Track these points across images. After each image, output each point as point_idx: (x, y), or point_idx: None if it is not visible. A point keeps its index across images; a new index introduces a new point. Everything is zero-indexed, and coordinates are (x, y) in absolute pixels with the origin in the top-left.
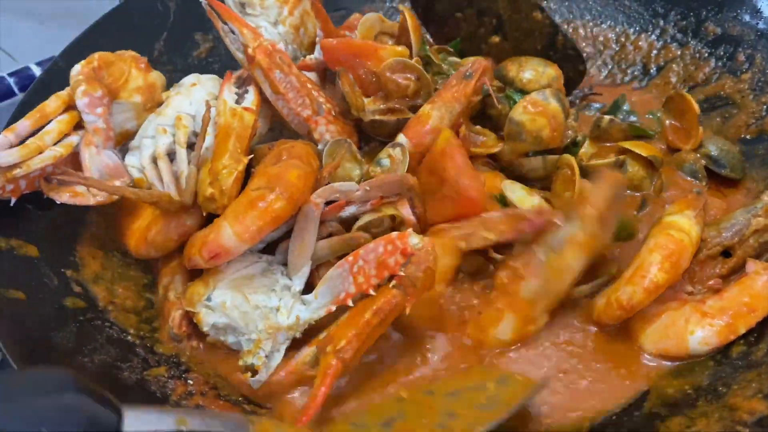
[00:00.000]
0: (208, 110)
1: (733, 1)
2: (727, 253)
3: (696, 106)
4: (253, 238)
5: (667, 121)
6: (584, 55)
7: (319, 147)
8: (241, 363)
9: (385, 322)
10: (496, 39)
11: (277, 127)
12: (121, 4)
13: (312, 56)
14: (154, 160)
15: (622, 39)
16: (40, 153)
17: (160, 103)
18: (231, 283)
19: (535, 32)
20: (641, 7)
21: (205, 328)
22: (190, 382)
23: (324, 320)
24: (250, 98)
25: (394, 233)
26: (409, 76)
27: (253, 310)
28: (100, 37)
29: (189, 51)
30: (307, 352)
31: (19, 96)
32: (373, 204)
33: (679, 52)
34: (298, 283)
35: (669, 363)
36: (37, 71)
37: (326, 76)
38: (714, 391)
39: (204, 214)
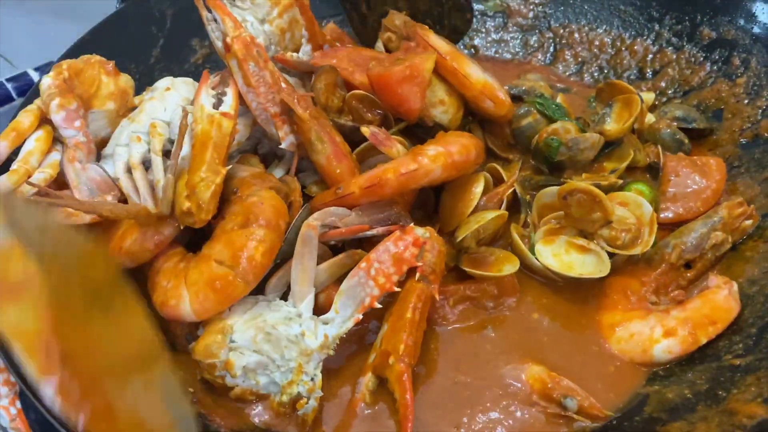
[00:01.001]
0: (185, 117)
1: (728, 5)
2: (687, 264)
3: (626, 84)
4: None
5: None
6: (579, 59)
7: (282, 145)
8: (284, 398)
9: (424, 315)
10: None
11: (256, 134)
12: (117, 10)
13: (295, 54)
14: (129, 170)
15: (618, 43)
16: (29, 177)
17: (132, 108)
18: (247, 323)
19: None
20: (636, 11)
21: (238, 373)
22: None
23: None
24: (228, 102)
25: (397, 231)
26: (374, 111)
27: (282, 339)
28: (96, 43)
29: (186, 57)
30: (366, 380)
31: (18, 101)
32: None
33: (674, 56)
34: (307, 309)
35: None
36: (35, 76)
37: (309, 80)
38: (714, 395)
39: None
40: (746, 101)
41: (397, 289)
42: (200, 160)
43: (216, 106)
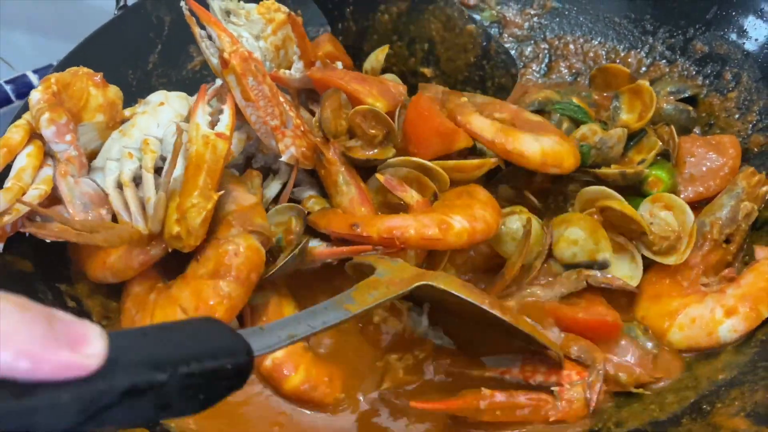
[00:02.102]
0: (180, 135)
1: (720, 20)
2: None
3: (622, 68)
4: None
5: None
6: (574, 71)
7: (283, 158)
8: None
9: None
10: (426, 71)
11: (251, 148)
12: (115, 17)
13: (287, 71)
14: (119, 185)
15: (612, 55)
16: (23, 194)
17: (122, 120)
18: None
19: (468, 46)
20: (631, 24)
21: None
22: None
23: None
24: (225, 121)
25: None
26: (379, 127)
27: None
28: (95, 49)
29: (183, 64)
30: None
31: (17, 103)
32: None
33: (667, 69)
34: None
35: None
36: (34, 79)
37: (300, 97)
38: (699, 409)
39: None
40: (737, 116)
41: None
42: (193, 185)
43: (212, 124)
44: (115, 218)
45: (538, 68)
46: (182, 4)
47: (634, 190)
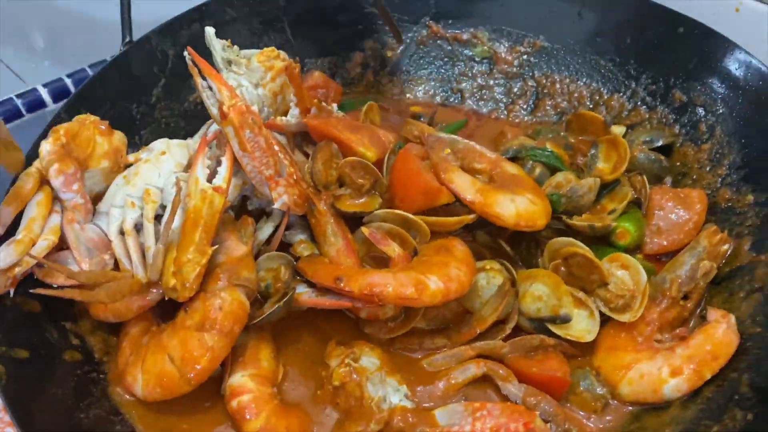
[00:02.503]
0: (179, 193)
1: (700, 70)
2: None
3: (597, 115)
4: (156, 401)
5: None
6: (559, 110)
7: (275, 206)
8: None
9: None
10: None
11: (246, 192)
12: (120, 53)
13: (284, 118)
14: (122, 232)
15: (596, 97)
16: (33, 245)
17: (126, 164)
18: None
19: None
20: (615, 68)
21: None
22: None
23: None
24: (222, 173)
25: (521, 406)
26: (367, 176)
27: None
28: (101, 85)
29: (186, 96)
30: None
31: (27, 117)
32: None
33: (647, 115)
34: None
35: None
36: (44, 93)
37: (295, 140)
38: None
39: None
40: (708, 168)
41: None
42: (189, 240)
43: (210, 176)
44: (116, 262)
45: (525, 105)
46: (185, 54)
47: (603, 240)
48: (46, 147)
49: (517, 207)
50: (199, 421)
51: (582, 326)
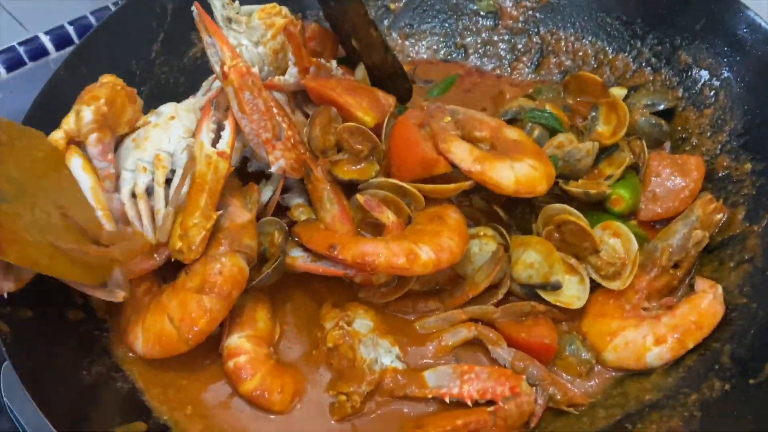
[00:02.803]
0: (191, 162)
1: (707, 33)
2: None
3: (596, 77)
4: (155, 358)
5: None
6: (563, 68)
7: (272, 169)
8: None
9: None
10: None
11: (246, 153)
12: (121, 6)
13: (282, 78)
14: (133, 195)
15: (601, 56)
16: None
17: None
18: None
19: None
20: (622, 26)
21: None
22: None
23: None
24: (225, 138)
25: (510, 371)
26: (365, 143)
27: None
28: (101, 40)
29: (185, 51)
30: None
31: (30, 65)
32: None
33: (651, 77)
34: None
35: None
36: (46, 41)
37: (296, 99)
38: (622, 428)
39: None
40: (709, 134)
41: (468, 403)
42: (195, 205)
43: (215, 140)
44: None
45: (528, 62)
46: (193, 9)
47: (598, 205)
48: (88, 115)
49: (516, 174)
50: (197, 378)
51: (572, 292)
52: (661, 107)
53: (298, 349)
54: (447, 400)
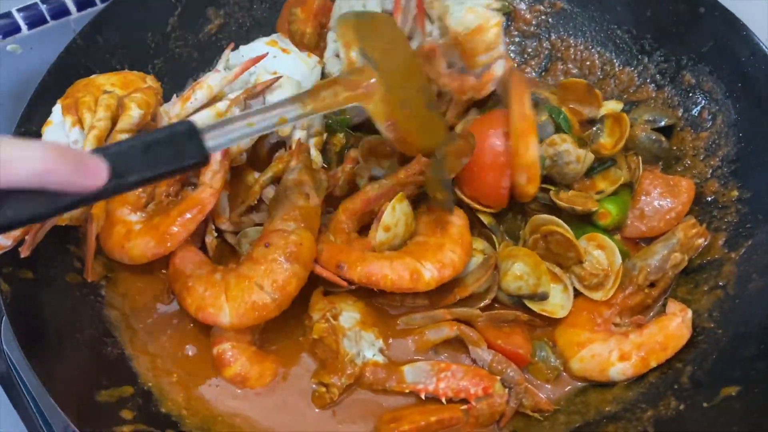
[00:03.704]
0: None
1: (712, 55)
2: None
3: (579, 80)
4: (242, 328)
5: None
6: (569, 75)
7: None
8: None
9: (438, 429)
10: None
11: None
12: None
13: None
14: None
15: (607, 68)
16: None
17: None
18: None
19: None
20: (631, 40)
21: None
22: None
23: None
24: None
25: (486, 371)
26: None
27: None
28: (116, 13)
29: (201, 26)
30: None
31: (51, 23)
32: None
33: (654, 94)
34: None
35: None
36: (44, 9)
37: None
38: None
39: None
40: (702, 156)
41: (443, 401)
42: None
43: None
44: None
45: (537, 67)
46: None
47: (584, 217)
48: (135, 115)
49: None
50: (185, 349)
51: (556, 301)
52: (662, 123)
53: (286, 333)
54: (423, 396)
